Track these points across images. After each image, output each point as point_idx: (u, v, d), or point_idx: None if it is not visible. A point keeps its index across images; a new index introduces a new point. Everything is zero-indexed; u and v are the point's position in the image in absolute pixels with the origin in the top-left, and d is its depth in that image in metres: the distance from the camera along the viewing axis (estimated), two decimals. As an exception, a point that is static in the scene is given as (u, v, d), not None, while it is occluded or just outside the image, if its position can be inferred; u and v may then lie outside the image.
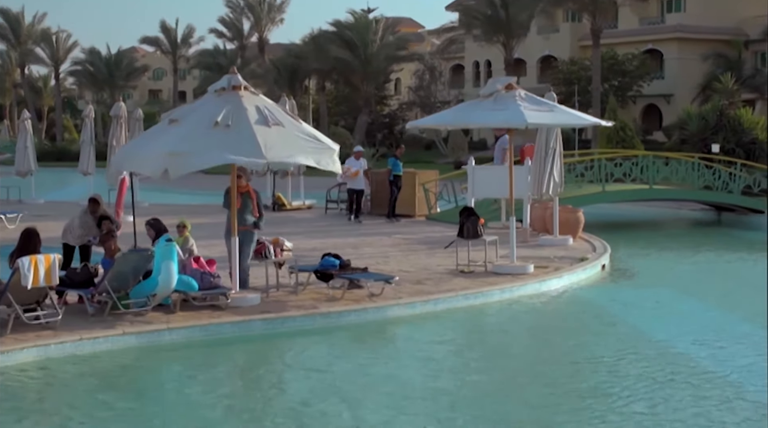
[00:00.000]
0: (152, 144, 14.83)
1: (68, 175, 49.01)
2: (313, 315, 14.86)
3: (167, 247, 14.21)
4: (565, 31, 67.82)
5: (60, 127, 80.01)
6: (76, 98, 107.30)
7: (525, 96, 18.01)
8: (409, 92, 69.77)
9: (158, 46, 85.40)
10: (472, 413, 10.62)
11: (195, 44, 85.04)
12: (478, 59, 72.65)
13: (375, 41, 62.34)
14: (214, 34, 77.27)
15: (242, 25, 75.56)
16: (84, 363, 12.57)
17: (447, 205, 28.77)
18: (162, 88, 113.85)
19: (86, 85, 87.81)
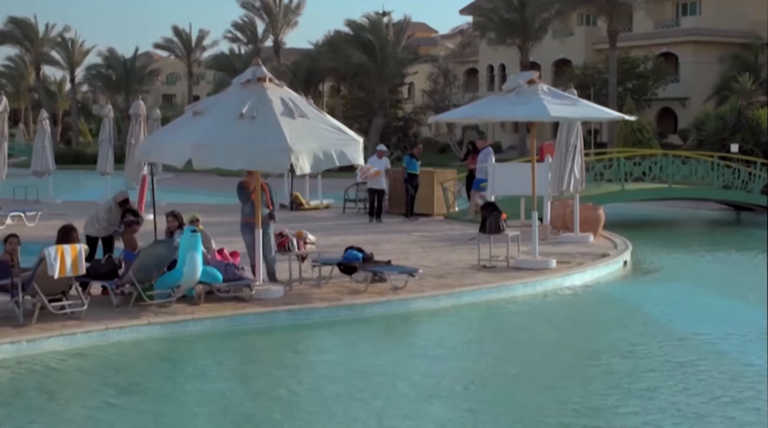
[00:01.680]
0: (177, 135, 14.84)
1: (84, 176, 49.16)
2: (338, 307, 14.84)
3: (192, 238, 14.19)
4: (580, 35, 67.66)
5: (76, 130, 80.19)
6: (90, 103, 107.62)
7: (547, 90, 17.96)
8: (423, 95, 69.65)
9: (172, 50, 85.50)
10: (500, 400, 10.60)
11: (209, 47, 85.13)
12: (492, 63, 72.56)
13: (390, 43, 62.32)
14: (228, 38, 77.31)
15: (257, 28, 75.61)
16: (110, 352, 12.59)
17: (466, 204, 28.68)
18: (176, 92, 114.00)
19: (101, 89, 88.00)
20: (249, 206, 15.66)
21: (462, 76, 74.27)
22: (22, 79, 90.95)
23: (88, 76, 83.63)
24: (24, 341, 12.39)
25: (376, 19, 63.53)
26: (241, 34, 76.10)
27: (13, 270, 13.54)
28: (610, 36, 54.24)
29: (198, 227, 15.09)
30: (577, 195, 22.26)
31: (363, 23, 63.38)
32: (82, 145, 73.79)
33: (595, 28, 67.50)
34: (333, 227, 24.99)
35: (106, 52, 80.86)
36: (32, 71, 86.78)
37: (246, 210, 15.78)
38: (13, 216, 25.86)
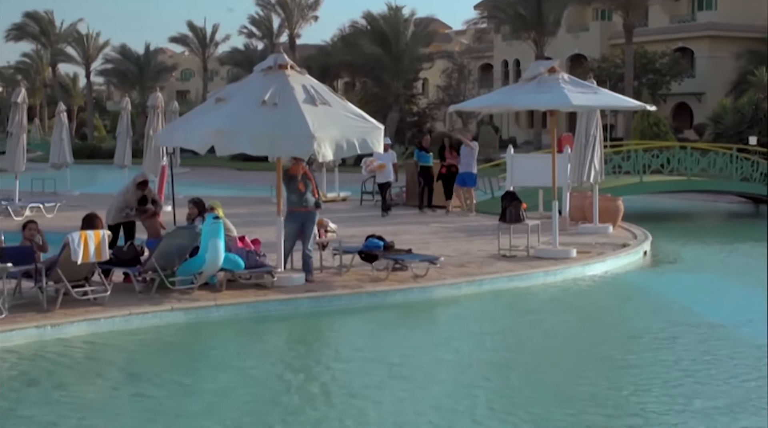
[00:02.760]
0: (199, 121, 14.86)
1: (100, 171, 49.26)
2: (360, 294, 14.84)
3: (214, 225, 14.20)
4: (595, 30, 67.55)
5: (91, 125, 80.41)
6: (104, 99, 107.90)
7: (568, 79, 17.91)
8: (438, 91, 69.64)
9: (187, 45, 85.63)
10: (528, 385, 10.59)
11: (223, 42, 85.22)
12: (506, 58, 72.53)
13: (405, 37, 62.34)
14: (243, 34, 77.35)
15: (272, 24, 75.62)
16: (133, 337, 12.61)
17: (483, 196, 28.65)
18: (190, 88, 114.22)
19: (116, 85, 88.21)
20: (296, 195, 15.49)
21: (476, 71, 74.25)
22: (37, 74, 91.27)
23: (103, 71, 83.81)
24: (48, 326, 12.43)
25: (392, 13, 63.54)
26: (257, 29, 76.14)
27: (35, 256, 13.61)
28: (626, 30, 54.12)
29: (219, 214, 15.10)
30: (596, 186, 22.20)
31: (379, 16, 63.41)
32: (98, 140, 73.99)
33: (610, 23, 67.37)
34: (350, 219, 24.95)
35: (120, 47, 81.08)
36: (47, 67, 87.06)
37: (293, 199, 15.57)
38: (32, 207, 25.92)
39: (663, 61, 59.21)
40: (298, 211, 15.51)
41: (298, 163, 15.42)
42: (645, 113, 44.45)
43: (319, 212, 16.01)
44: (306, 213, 15.51)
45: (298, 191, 15.40)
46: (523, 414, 9.30)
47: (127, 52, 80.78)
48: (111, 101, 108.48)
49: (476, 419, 9.17)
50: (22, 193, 28.84)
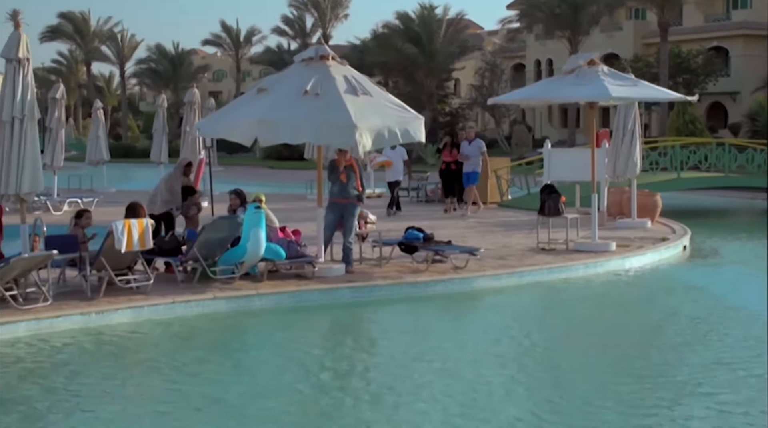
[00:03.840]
0: (241, 111, 14.92)
1: (135, 169, 49.62)
2: (400, 285, 14.85)
3: (256, 214, 14.24)
4: (629, 29, 67.24)
5: (125, 126, 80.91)
6: (137, 99, 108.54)
7: (608, 71, 17.85)
8: (471, 90, 69.56)
9: (220, 45, 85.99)
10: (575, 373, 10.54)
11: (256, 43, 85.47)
12: (539, 58, 72.34)
13: (439, 36, 62.34)
14: (276, 33, 77.60)
15: (305, 23, 75.84)
16: (176, 325, 12.68)
17: (519, 192, 28.59)
18: (222, 89, 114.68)
19: (149, 85, 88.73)
20: (337, 186, 15.51)
21: (509, 71, 74.10)
22: (72, 74, 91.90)
23: (137, 71, 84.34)
24: (93, 313, 12.53)
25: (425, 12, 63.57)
26: (290, 29, 76.36)
27: (82, 246, 13.73)
28: (661, 28, 53.83)
29: (262, 206, 15.15)
30: (634, 180, 22.09)
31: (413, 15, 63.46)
32: (132, 140, 74.46)
33: (644, 22, 67.09)
34: (386, 214, 24.99)
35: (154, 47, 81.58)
36: (82, 67, 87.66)
37: (334, 189, 15.60)
38: (70, 202, 26.15)
39: (697, 60, 58.83)
40: (339, 201, 15.54)
41: (342, 154, 15.43)
42: (680, 111, 44.30)
43: (360, 205, 16.01)
44: (346, 204, 15.53)
45: (340, 182, 15.41)
46: (569, 404, 9.23)
47: (162, 52, 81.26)
48: (144, 102, 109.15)
49: (518, 408, 9.11)
50: (59, 189, 29.08)
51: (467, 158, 24.88)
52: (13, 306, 12.28)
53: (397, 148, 24.83)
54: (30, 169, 13.28)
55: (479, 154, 24.95)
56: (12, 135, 13.22)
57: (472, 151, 25.00)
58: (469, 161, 24.86)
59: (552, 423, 8.54)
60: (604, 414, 8.79)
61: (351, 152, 15.50)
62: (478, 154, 24.98)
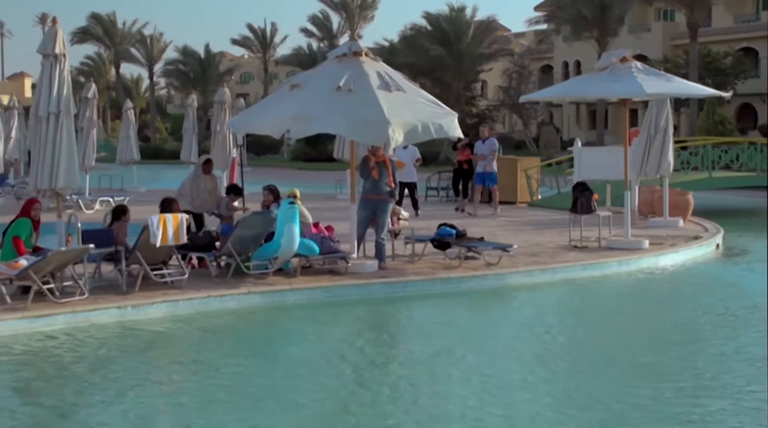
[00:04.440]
0: (275, 107, 14.97)
1: (165, 169, 49.85)
2: (433, 280, 14.85)
3: (290, 210, 14.28)
4: (657, 30, 66.95)
5: (153, 128, 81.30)
6: (164, 102, 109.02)
7: (641, 68, 17.76)
8: (498, 92, 69.46)
9: (248, 46, 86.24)
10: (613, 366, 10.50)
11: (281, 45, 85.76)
12: (567, 59, 72.15)
13: (467, 37, 62.31)
14: (303, 33, 77.79)
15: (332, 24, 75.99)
16: (211, 319, 12.73)
17: (549, 192, 28.51)
18: (249, 91, 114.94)
19: (177, 87, 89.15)
20: (369, 182, 15.51)
21: (537, 72, 73.96)
22: (100, 76, 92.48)
23: (165, 72, 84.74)
24: (129, 306, 12.61)
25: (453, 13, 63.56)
26: (317, 29, 76.52)
27: (119, 239, 13.86)
28: (691, 29, 53.55)
29: (296, 202, 15.19)
30: (666, 179, 21.97)
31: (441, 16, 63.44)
32: (160, 141, 74.79)
33: (672, 23, 66.77)
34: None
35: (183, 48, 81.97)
36: (111, 68, 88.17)
37: (366, 185, 15.60)
38: (102, 201, 26.31)
39: (726, 61, 58.47)
40: (371, 198, 15.54)
41: (376, 150, 15.43)
42: (710, 112, 44.04)
43: (393, 202, 15.99)
44: (378, 200, 15.53)
45: (372, 178, 15.41)
46: (607, 399, 9.16)
47: (190, 53, 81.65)
48: (171, 104, 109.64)
49: (556, 404, 9.03)
50: (90, 189, 29.25)
51: (482, 157, 24.71)
52: (51, 299, 12.37)
53: (408, 148, 23.96)
54: (66, 164, 13.40)
55: (491, 154, 24.67)
56: (48, 130, 13.35)
57: (485, 150, 24.79)
58: (483, 160, 24.65)
59: (584, 419, 8.47)
60: (638, 409, 8.70)
61: (383, 148, 15.50)
62: (491, 153, 24.69)
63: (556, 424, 8.32)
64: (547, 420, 8.45)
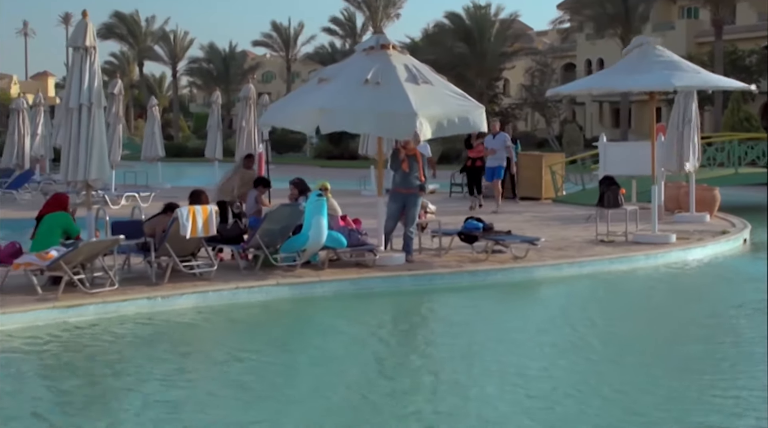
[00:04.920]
0: (302, 101, 15.00)
1: (189, 167, 50.02)
2: (461, 273, 14.86)
3: (318, 202, 14.30)
4: (681, 28, 66.60)
5: (176, 126, 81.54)
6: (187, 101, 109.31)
7: (670, 60, 17.70)
8: (521, 90, 69.36)
9: (271, 45, 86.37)
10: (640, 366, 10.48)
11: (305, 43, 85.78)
12: (590, 57, 71.91)
13: (491, 35, 62.25)
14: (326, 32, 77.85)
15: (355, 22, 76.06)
16: (240, 310, 12.79)
17: (574, 188, 28.44)
18: (271, 90, 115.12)
19: (200, 86, 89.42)
20: (399, 175, 15.49)
21: (559, 70, 73.77)
22: (124, 75, 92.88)
23: (188, 70, 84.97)
24: (159, 297, 12.68)
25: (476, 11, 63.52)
26: (340, 28, 76.58)
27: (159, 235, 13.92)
28: (716, 26, 53.29)
29: (327, 195, 15.22)
30: (693, 174, 21.88)
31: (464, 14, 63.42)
32: (183, 139, 75.01)
33: (696, 21, 66.40)
34: (441, 209, 24.85)
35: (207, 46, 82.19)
36: (134, 67, 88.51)
37: (396, 178, 15.58)
38: (128, 196, 26.43)
39: (751, 59, 58.10)
40: (401, 191, 15.55)
41: (406, 143, 15.42)
42: (735, 109, 43.83)
43: (423, 196, 15.96)
44: (408, 194, 15.53)
45: (402, 171, 15.41)
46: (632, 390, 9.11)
47: (213, 51, 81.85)
48: (194, 103, 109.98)
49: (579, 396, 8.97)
50: (116, 185, 29.38)
51: (492, 152, 24.56)
52: (81, 289, 12.44)
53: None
54: (97, 156, 13.48)
55: (504, 148, 24.51)
56: (80, 122, 13.43)
57: (496, 145, 24.62)
58: (495, 155, 24.51)
59: (608, 410, 8.43)
60: (665, 402, 8.62)
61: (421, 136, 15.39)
62: (503, 147, 24.56)
63: (579, 415, 8.25)
64: (570, 411, 8.39)
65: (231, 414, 8.34)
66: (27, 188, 29.13)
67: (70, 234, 13.02)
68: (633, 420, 8.08)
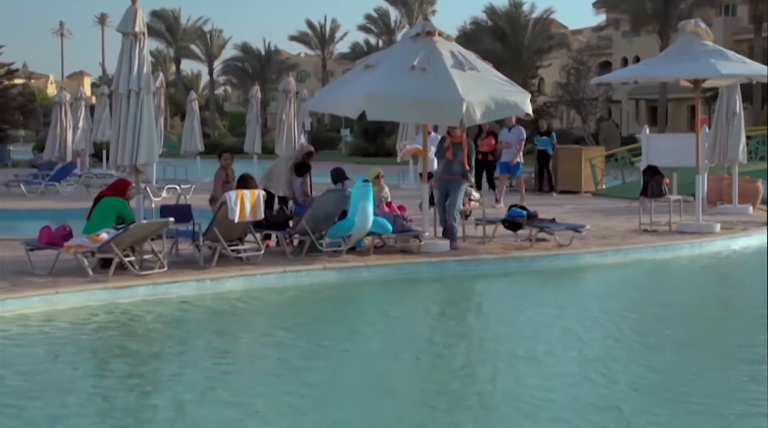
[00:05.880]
0: (350, 87, 15.08)
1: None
2: (506, 259, 14.88)
3: (364, 188, 14.34)
4: (719, 26, 66.01)
5: (212, 124, 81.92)
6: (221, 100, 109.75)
7: (715, 49, 17.62)
8: (556, 87, 69.12)
9: (306, 43, 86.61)
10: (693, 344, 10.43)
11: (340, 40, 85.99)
12: (626, 55, 71.52)
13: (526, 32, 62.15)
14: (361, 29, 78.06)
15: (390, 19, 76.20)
16: (288, 293, 12.90)
17: (613, 182, 28.33)
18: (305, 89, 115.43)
19: (236, 84, 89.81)
20: (443, 162, 15.56)
21: (595, 68, 73.45)
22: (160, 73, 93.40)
23: (224, 68, 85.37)
24: (208, 280, 12.79)
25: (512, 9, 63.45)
26: (374, 25, 76.74)
27: (229, 185, 14.27)
28: (755, 22, 52.96)
29: (380, 183, 15.29)
30: (736, 165, 21.75)
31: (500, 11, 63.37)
32: (219, 136, 75.31)
33: (734, 18, 65.98)
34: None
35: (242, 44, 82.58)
36: (171, 65, 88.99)
37: (440, 166, 15.66)
38: (169, 188, 26.61)
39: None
40: (444, 178, 15.59)
41: (453, 130, 15.43)
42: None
43: (466, 183, 15.93)
44: (450, 180, 15.55)
45: (447, 159, 15.46)
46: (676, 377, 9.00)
47: (249, 49, 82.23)
48: (228, 102, 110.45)
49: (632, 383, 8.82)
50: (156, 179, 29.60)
51: (507, 146, 23.97)
52: (131, 272, 12.57)
53: (431, 135, 21.62)
54: (146, 141, 13.61)
55: (518, 143, 23.67)
56: (129, 107, 13.56)
57: (511, 139, 23.94)
58: (509, 149, 23.83)
59: (654, 396, 8.28)
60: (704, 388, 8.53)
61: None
62: (518, 141, 23.71)
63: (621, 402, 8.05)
64: (617, 396, 8.26)
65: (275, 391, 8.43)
66: (69, 181, 29.37)
67: (124, 220, 13.12)
68: (680, 409, 7.89)
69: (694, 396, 8.20)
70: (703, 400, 8.05)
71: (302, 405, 8.01)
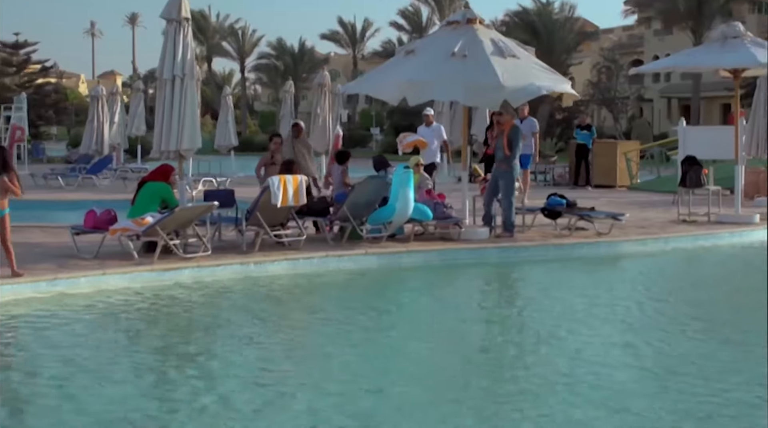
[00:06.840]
0: (391, 73, 15.16)
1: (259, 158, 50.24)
2: (546, 246, 14.92)
3: (405, 175, 14.40)
4: (752, 23, 65.60)
5: (244, 123, 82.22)
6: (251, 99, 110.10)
7: (754, 40, 17.56)
8: (587, 85, 68.93)
9: (337, 41, 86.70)
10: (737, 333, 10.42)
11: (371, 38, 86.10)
12: (658, 54, 71.15)
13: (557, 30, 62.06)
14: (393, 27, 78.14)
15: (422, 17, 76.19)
16: (330, 276, 13.00)
17: (648, 177, 28.25)
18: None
19: (266, 84, 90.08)
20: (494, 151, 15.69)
21: (627, 67, 73.19)
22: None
23: (256, 66, 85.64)
24: (251, 263, 12.91)
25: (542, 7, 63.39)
26: (407, 22, 76.79)
27: (273, 168, 14.50)
28: (789, 19, 52.53)
29: (419, 171, 15.34)
30: (774, 158, 21.68)
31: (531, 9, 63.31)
32: (251, 134, 75.59)
33: (766, 16, 65.56)
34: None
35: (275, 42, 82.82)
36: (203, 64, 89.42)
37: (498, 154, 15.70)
38: (205, 181, 26.80)
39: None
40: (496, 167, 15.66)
41: (499, 118, 15.49)
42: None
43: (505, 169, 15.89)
44: (498, 170, 15.63)
45: (495, 147, 15.55)
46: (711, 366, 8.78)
47: (281, 47, 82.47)
48: (258, 102, 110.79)
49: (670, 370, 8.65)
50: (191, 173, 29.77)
51: (523, 137, 23.15)
52: (176, 255, 12.70)
53: (433, 126, 20.36)
54: (190, 127, 13.71)
55: (531, 135, 22.31)
56: (173, 93, 13.67)
57: (524, 130, 23.19)
58: (525, 141, 22.87)
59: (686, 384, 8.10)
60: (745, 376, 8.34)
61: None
62: (530, 134, 22.37)
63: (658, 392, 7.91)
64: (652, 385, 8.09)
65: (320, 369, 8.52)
66: (105, 174, 29.61)
67: (168, 204, 13.25)
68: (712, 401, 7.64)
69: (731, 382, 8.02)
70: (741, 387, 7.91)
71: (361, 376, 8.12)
